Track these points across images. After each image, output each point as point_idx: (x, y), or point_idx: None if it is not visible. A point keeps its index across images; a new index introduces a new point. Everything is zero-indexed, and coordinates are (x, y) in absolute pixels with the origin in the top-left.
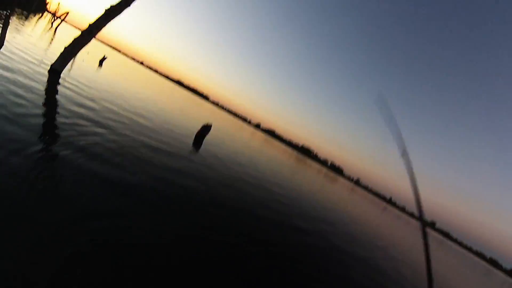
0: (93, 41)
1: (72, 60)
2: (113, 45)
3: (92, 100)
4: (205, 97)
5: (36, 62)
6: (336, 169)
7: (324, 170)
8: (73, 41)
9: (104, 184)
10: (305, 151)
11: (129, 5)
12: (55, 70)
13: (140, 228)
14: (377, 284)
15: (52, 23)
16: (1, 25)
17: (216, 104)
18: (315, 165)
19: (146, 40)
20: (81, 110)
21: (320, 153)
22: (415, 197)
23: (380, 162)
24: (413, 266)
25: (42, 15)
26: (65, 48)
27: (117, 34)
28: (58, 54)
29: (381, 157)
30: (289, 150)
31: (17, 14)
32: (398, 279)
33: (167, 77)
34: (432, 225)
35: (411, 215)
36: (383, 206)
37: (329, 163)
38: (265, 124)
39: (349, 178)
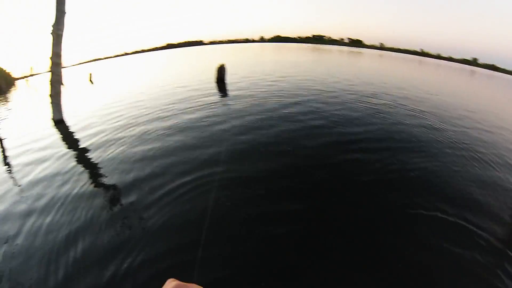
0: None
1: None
2: (86, 61)
3: (90, 127)
4: (199, 43)
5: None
6: (356, 43)
7: (345, 48)
8: (50, 84)
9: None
10: (318, 40)
11: (64, 11)
12: (59, 120)
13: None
14: None
15: (29, 84)
16: None
17: (213, 43)
18: (334, 48)
19: (94, 37)
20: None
21: (333, 35)
22: None
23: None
24: None
25: (13, 86)
26: (50, 95)
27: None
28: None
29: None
30: (302, 46)
31: None
32: None
33: (155, 49)
34: (475, 61)
35: (450, 59)
36: (418, 60)
37: (345, 39)
38: (267, 33)
39: (372, 47)
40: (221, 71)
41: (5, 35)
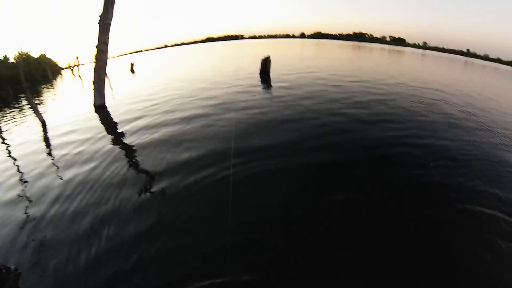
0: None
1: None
2: (127, 52)
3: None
4: (240, 37)
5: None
6: (398, 41)
7: (386, 47)
8: (94, 71)
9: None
10: (359, 37)
11: (114, 1)
12: (100, 106)
13: None
14: None
15: (73, 73)
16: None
17: (254, 37)
18: (376, 46)
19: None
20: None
21: (375, 32)
22: None
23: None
24: None
25: (60, 75)
26: (93, 82)
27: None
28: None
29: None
30: (343, 43)
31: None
32: None
33: (195, 42)
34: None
35: (498, 61)
36: (464, 61)
37: (387, 38)
38: (308, 30)
39: (415, 45)
40: (265, 63)
41: (54, 26)
